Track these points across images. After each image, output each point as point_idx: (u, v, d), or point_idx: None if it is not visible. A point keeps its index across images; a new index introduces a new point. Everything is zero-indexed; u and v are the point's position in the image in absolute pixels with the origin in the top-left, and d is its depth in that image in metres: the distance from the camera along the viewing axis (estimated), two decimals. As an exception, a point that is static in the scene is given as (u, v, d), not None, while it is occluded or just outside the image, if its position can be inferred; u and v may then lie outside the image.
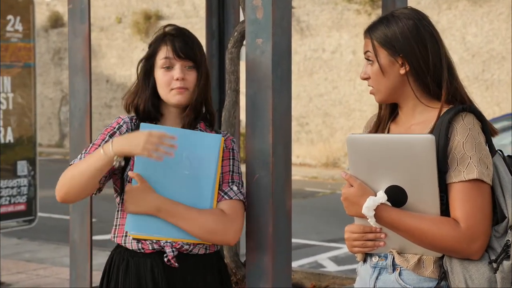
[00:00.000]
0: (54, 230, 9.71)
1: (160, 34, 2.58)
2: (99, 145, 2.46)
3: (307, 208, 11.14)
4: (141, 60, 2.59)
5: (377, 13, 17.39)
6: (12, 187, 6.24)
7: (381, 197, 2.18)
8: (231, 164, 2.53)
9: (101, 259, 7.50)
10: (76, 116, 2.89)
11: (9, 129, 6.22)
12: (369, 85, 2.35)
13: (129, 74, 21.27)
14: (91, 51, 2.85)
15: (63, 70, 22.67)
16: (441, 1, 16.37)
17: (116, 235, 2.51)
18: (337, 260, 8.31)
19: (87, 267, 2.86)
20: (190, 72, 2.53)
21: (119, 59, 21.40)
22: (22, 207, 6.35)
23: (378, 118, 2.44)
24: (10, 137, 6.24)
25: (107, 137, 2.51)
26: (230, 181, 2.50)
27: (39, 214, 6.65)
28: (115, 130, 2.53)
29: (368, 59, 2.32)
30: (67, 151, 21.97)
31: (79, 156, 2.49)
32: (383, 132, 2.42)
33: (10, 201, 6.23)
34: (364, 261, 2.35)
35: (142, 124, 2.48)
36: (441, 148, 2.16)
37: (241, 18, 3.53)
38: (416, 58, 2.25)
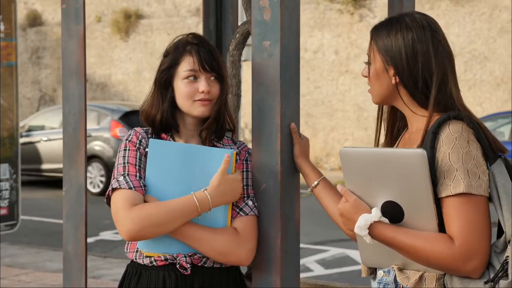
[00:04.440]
0: (35, 233, 9.54)
1: (182, 42, 2.46)
2: (135, 164, 2.38)
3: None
4: (160, 70, 2.47)
5: (360, 13, 17.37)
6: (-6, 191, 6.09)
7: (374, 215, 2.07)
8: (245, 177, 2.44)
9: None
10: (70, 121, 2.74)
11: (-10, 131, 6.06)
12: (368, 84, 2.28)
13: (108, 74, 21.06)
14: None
15: (42, 69, 22.39)
16: (423, 0, 16.34)
17: (128, 250, 2.45)
18: (324, 263, 8.24)
19: (82, 280, 2.73)
20: (214, 84, 2.44)
21: (99, 58, 21.17)
22: (4, 212, 6.18)
23: (378, 121, 2.35)
24: (-9, 139, 6.08)
25: (137, 152, 2.41)
26: (245, 195, 2.42)
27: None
28: (137, 145, 2.43)
29: (367, 61, 2.25)
30: (46, 151, 21.73)
31: (121, 179, 2.35)
32: (395, 141, 2.34)
33: (-9, 205, 6.07)
34: (374, 278, 2.26)
35: (151, 140, 2.39)
36: (429, 161, 2.03)
37: (240, 18, 3.41)
38: (403, 71, 2.16)
